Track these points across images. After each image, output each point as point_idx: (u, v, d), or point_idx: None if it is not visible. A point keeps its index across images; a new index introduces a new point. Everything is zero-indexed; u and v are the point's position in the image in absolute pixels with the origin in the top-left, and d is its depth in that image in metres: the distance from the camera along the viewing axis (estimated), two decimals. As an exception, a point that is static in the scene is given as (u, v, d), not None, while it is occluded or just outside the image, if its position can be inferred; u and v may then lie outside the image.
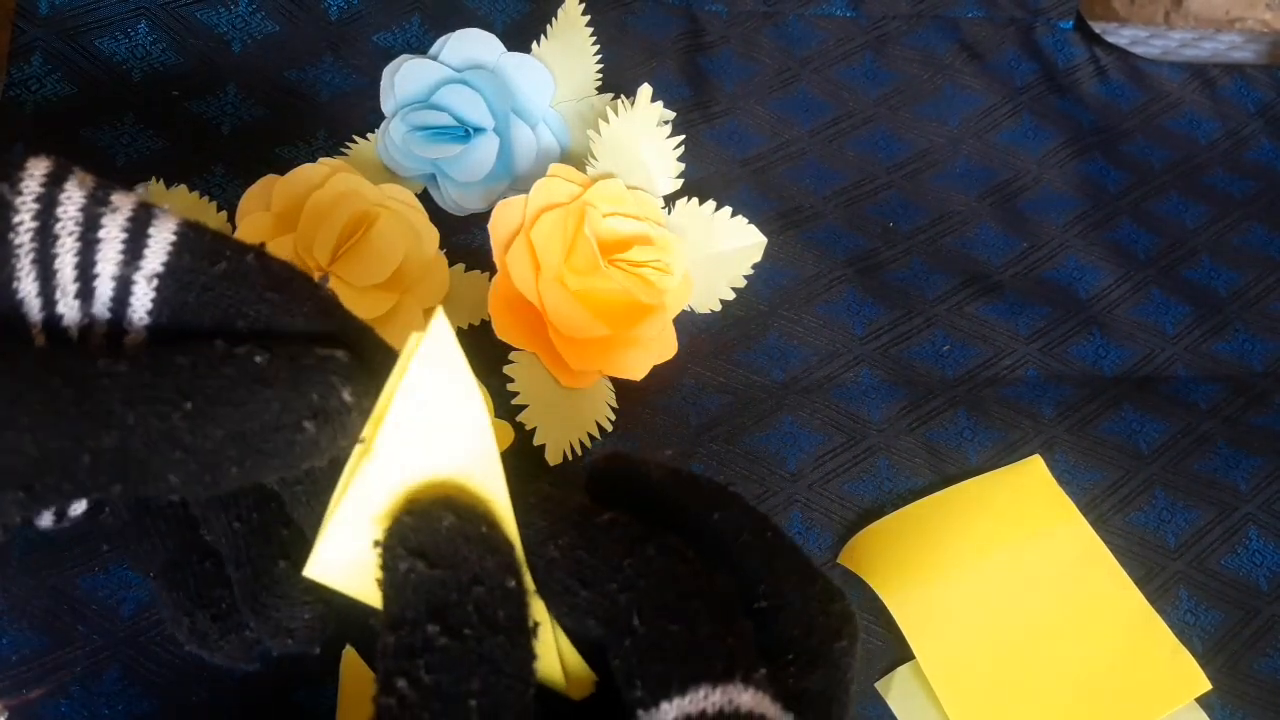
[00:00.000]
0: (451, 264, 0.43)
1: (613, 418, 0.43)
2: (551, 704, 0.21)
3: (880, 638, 0.43)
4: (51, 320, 0.19)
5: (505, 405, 0.41)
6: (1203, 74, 0.63)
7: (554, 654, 0.21)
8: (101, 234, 0.19)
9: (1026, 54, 0.60)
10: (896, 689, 0.42)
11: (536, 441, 0.41)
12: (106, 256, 0.19)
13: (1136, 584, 0.45)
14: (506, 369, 0.41)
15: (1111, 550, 0.45)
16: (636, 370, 0.43)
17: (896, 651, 0.42)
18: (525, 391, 0.41)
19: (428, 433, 0.19)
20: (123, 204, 0.19)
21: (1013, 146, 0.57)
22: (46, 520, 0.22)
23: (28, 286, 0.19)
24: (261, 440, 0.18)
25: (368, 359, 0.20)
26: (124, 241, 0.19)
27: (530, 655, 0.19)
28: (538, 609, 0.20)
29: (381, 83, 0.45)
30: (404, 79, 0.44)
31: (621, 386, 0.44)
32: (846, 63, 0.57)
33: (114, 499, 0.20)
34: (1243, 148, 0.61)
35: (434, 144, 0.44)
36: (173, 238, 0.19)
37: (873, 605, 0.43)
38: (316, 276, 0.21)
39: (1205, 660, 0.44)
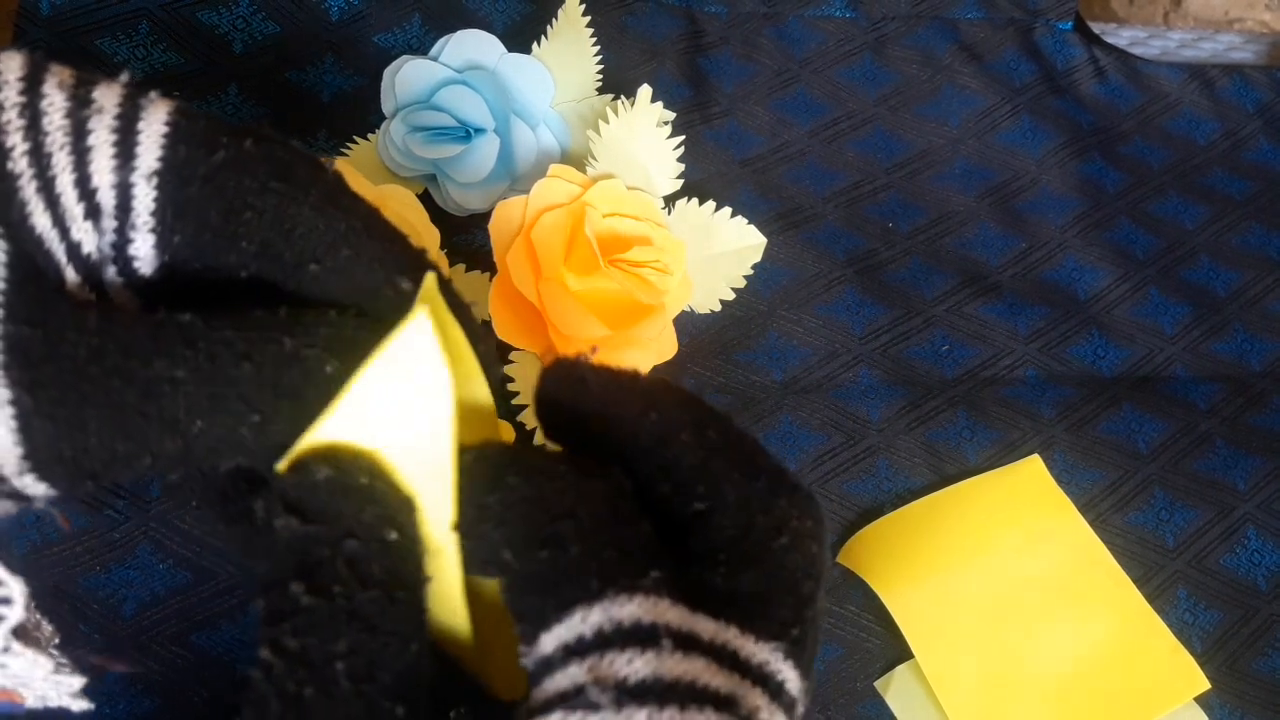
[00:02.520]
0: (452, 264, 0.43)
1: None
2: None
3: (880, 637, 0.43)
4: (72, 250, 0.19)
5: (505, 405, 0.41)
6: (1202, 74, 0.63)
7: (459, 608, 0.20)
8: (91, 140, 0.18)
9: (1026, 55, 0.60)
10: (896, 688, 0.42)
11: (537, 441, 0.41)
12: (100, 165, 0.18)
13: (1135, 583, 0.45)
14: (506, 369, 0.41)
15: (1110, 550, 0.45)
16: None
17: (896, 651, 0.42)
18: (525, 391, 0.41)
19: (381, 411, 0.18)
20: (107, 101, 0.18)
21: (1012, 147, 0.57)
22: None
23: (40, 220, 0.18)
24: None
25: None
26: (115, 145, 0.18)
27: (415, 610, 0.18)
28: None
29: (382, 83, 0.45)
30: (404, 79, 0.45)
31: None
32: (846, 63, 0.57)
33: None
34: (1241, 148, 0.61)
35: (434, 144, 0.44)
36: (164, 130, 0.18)
37: (872, 605, 0.43)
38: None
39: (1204, 659, 0.44)
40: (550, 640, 0.18)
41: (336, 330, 0.18)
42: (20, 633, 0.18)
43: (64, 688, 0.19)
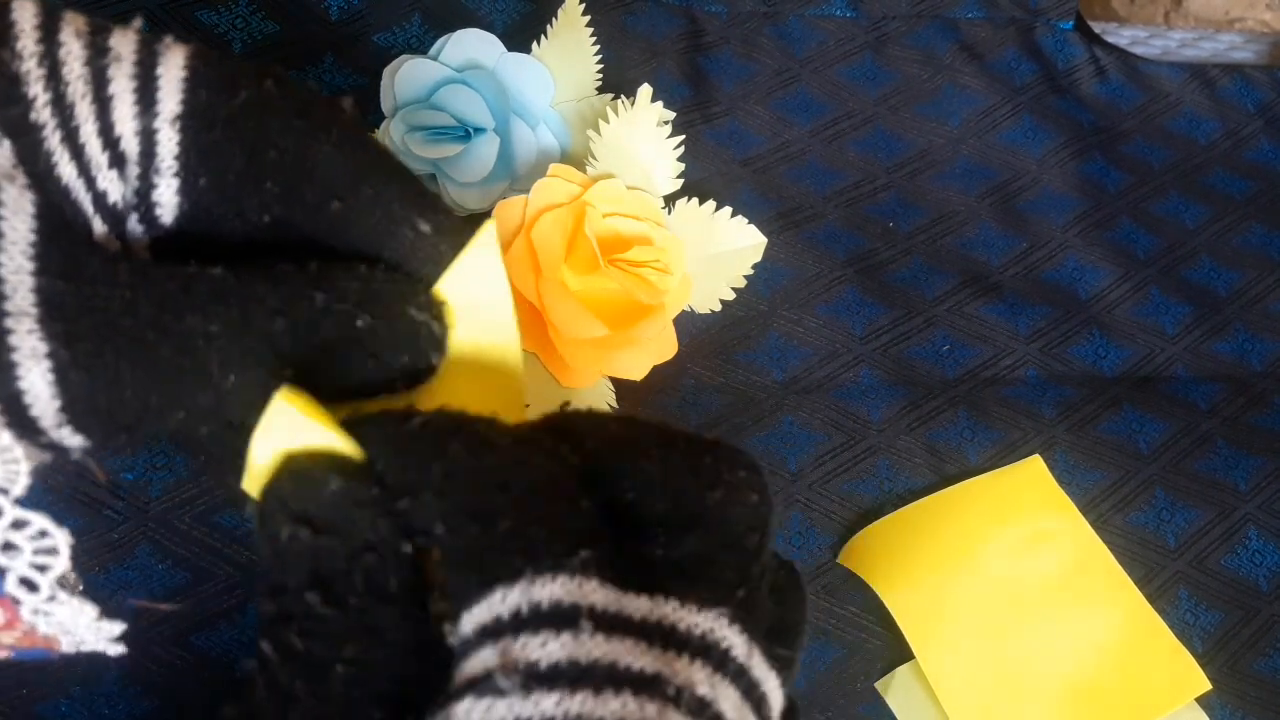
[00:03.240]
0: (451, 264, 0.43)
1: (613, 418, 0.43)
2: None
3: (880, 638, 0.43)
4: (99, 200, 0.19)
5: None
6: (1202, 74, 0.63)
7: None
8: (112, 89, 0.18)
9: (1026, 54, 0.60)
10: (896, 689, 0.42)
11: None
12: (123, 114, 0.18)
13: (1136, 584, 0.45)
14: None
15: (1111, 550, 0.45)
16: (636, 370, 0.43)
17: (896, 651, 0.42)
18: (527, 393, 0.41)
19: (464, 321, 0.20)
20: (124, 48, 0.19)
21: (1013, 146, 0.57)
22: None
23: (66, 170, 0.18)
24: (352, 392, 0.18)
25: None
26: (135, 90, 0.18)
27: (425, 622, 0.18)
28: None
29: (381, 83, 0.45)
30: (404, 79, 0.44)
31: (621, 386, 0.44)
32: (846, 63, 0.57)
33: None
34: (1242, 148, 0.61)
35: (434, 144, 0.44)
36: (184, 74, 0.19)
37: (873, 605, 0.43)
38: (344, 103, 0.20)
39: (1205, 660, 0.44)
40: (469, 621, 0.17)
41: (366, 284, 0.19)
42: (64, 582, 0.18)
43: (104, 633, 0.20)
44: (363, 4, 0.50)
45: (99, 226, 0.19)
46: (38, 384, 0.16)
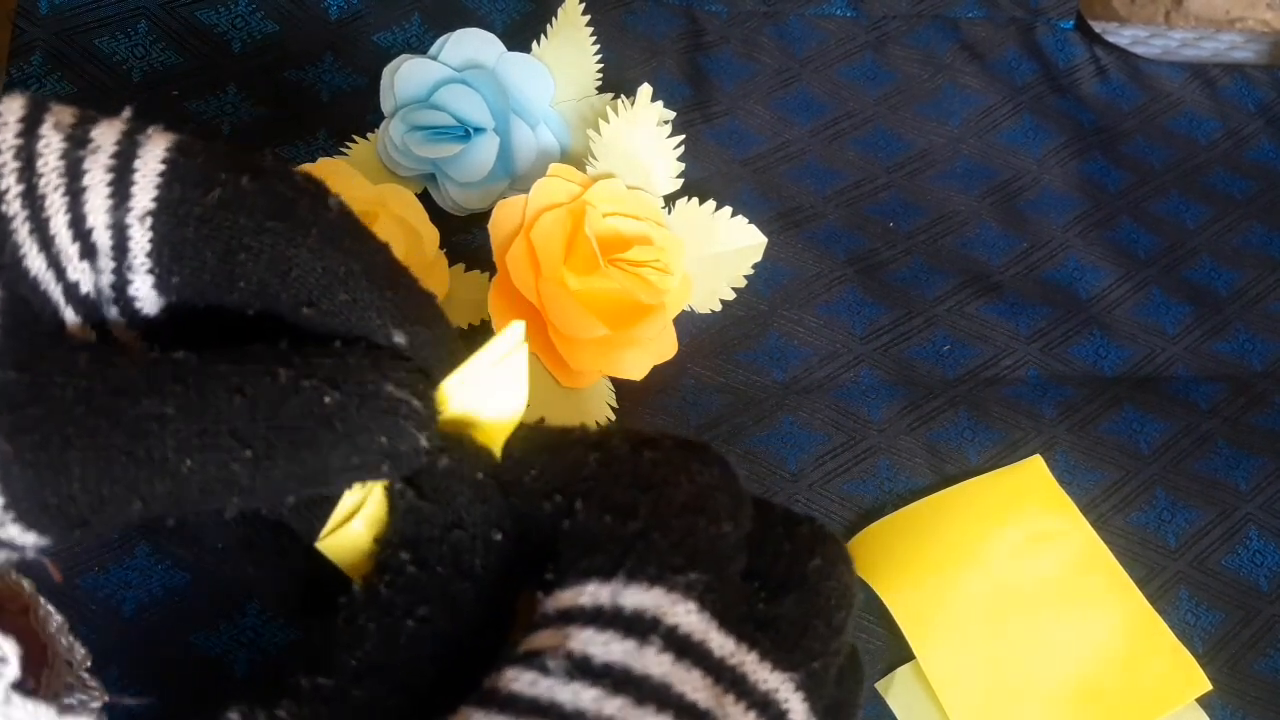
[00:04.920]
0: (451, 264, 0.43)
1: (613, 418, 0.43)
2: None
3: (880, 638, 0.43)
4: (70, 290, 0.18)
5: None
6: (1203, 74, 0.63)
7: None
8: (86, 180, 0.18)
9: (1027, 54, 0.60)
10: (896, 689, 0.42)
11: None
12: (95, 206, 0.18)
13: (1137, 584, 0.45)
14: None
15: (1112, 550, 0.45)
16: (636, 370, 0.43)
17: (896, 651, 0.42)
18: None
19: (477, 407, 0.20)
20: (104, 140, 0.18)
21: (1013, 146, 0.57)
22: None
23: (35, 262, 0.18)
24: (326, 478, 0.18)
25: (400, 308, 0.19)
26: (110, 184, 0.18)
27: (497, 611, 0.19)
28: None
29: (381, 82, 0.45)
30: (404, 79, 0.44)
31: (621, 386, 0.44)
32: (846, 63, 0.57)
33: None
34: (1243, 148, 0.61)
35: (434, 144, 0.44)
36: (160, 168, 0.18)
37: (873, 605, 0.43)
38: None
39: (1206, 660, 0.44)
40: (553, 601, 0.18)
41: (340, 360, 0.18)
42: (20, 686, 0.18)
43: None
44: (363, 4, 0.50)
45: (71, 316, 0.19)
46: None
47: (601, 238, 0.42)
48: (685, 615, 0.17)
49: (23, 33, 0.45)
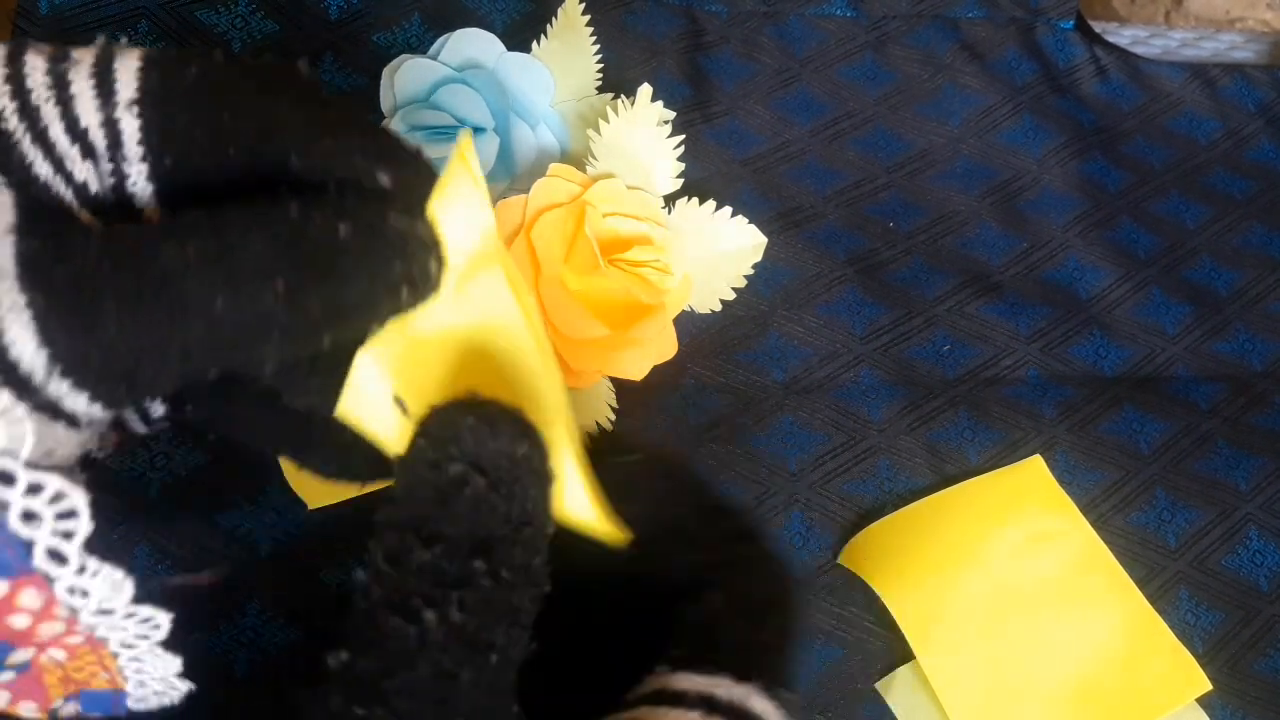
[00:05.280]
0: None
1: (613, 418, 0.43)
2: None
3: (880, 638, 0.43)
4: (80, 191, 0.19)
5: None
6: (1203, 74, 0.63)
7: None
8: (73, 89, 0.19)
9: (1027, 54, 0.60)
10: (896, 689, 0.42)
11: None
12: (85, 107, 0.19)
13: (1137, 584, 0.45)
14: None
15: (1112, 550, 0.45)
16: (636, 370, 0.43)
17: (896, 651, 0.42)
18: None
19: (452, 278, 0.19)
20: (83, 55, 0.19)
21: (1013, 146, 0.57)
22: (138, 426, 0.22)
23: (43, 168, 0.18)
24: (356, 309, 0.18)
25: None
26: (94, 86, 0.19)
27: (537, 607, 0.18)
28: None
29: (381, 82, 0.45)
30: (403, 79, 0.44)
31: (621, 386, 0.44)
32: (846, 63, 0.57)
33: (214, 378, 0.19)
34: (1243, 148, 0.61)
35: (434, 144, 0.44)
36: (138, 64, 0.19)
37: (873, 606, 0.43)
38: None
39: (1205, 660, 0.44)
40: (688, 682, 0.19)
41: (339, 198, 0.18)
42: (92, 545, 0.17)
43: (151, 629, 0.19)
44: (362, 4, 0.49)
45: (86, 218, 0.19)
46: (21, 335, 0.16)
47: (601, 238, 0.42)
48: (775, 716, 0.20)
49: (23, 33, 0.45)
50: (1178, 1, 0.69)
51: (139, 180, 0.19)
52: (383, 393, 0.19)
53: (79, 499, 0.17)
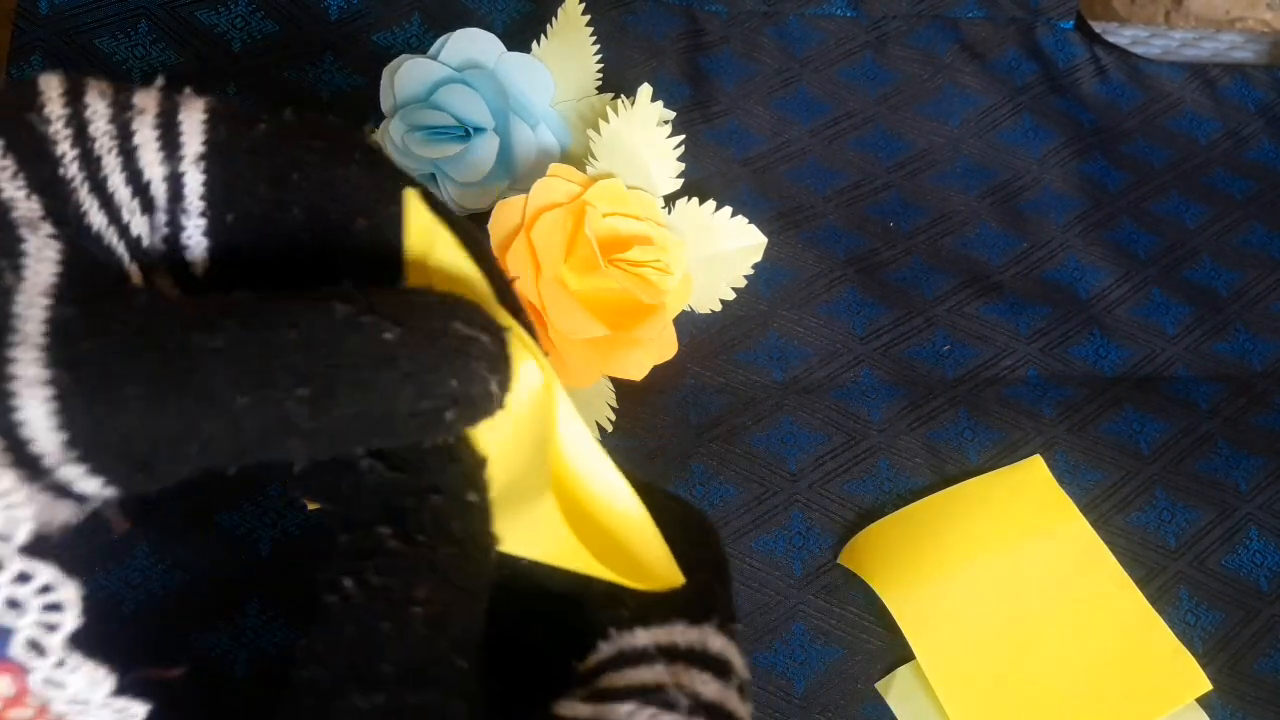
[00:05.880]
0: (451, 264, 0.43)
1: (613, 418, 0.43)
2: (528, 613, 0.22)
3: (880, 638, 0.43)
4: (133, 245, 0.19)
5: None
6: (1203, 74, 0.63)
7: (557, 536, 0.19)
8: (137, 140, 0.18)
9: (1027, 54, 0.60)
10: (896, 689, 0.42)
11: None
12: (149, 160, 0.18)
13: (1137, 584, 0.45)
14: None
15: (1112, 550, 0.45)
16: (636, 370, 0.43)
17: (896, 651, 0.42)
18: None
19: None
20: (147, 102, 0.19)
21: (1013, 146, 0.57)
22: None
23: (97, 218, 0.18)
24: (393, 425, 0.17)
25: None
26: (159, 138, 0.18)
27: (484, 571, 0.18)
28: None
29: (381, 82, 0.45)
30: (403, 79, 0.44)
31: (621, 386, 0.44)
32: (847, 63, 0.57)
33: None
34: (1243, 148, 0.61)
35: (434, 144, 0.44)
36: (204, 117, 0.19)
37: (873, 605, 0.43)
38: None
39: (1206, 660, 0.44)
40: (645, 636, 0.20)
41: (403, 297, 0.17)
42: (78, 641, 0.17)
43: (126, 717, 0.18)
44: (362, 4, 0.50)
45: (136, 272, 0.19)
46: (36, 414, 0.15)
47: (601, 238, 0.42)
48: (737, 656, 0.21)
49: (23, 33, 0.45)
50: (1178, 1, 0.69)
51: (195, 235, 0.19)
52: None
53: (69, 593, 0.16)
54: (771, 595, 0.43)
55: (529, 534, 0.19)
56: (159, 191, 0.18)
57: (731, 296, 0.47)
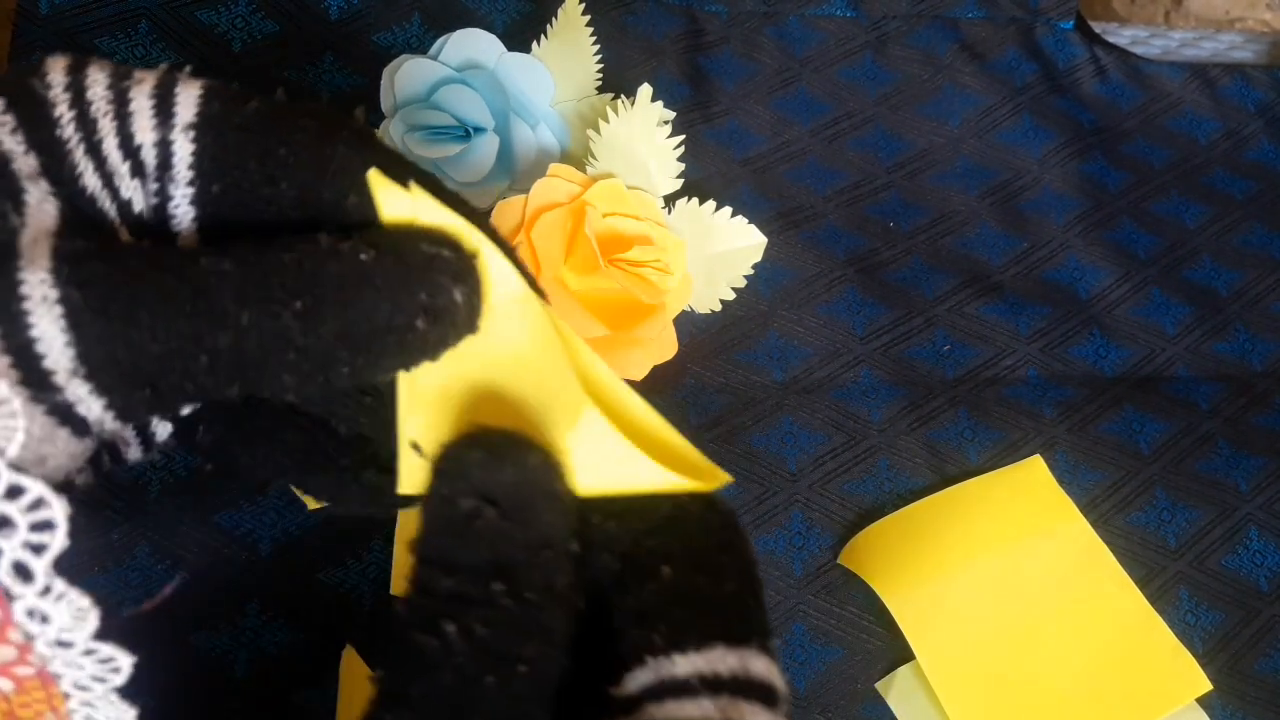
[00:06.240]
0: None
1: (613, 418, 0.43)
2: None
3: (880, 638, 0.43)
4: (124, 209, 0.19)
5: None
6: (1203, 74, 0.63)
7: None
8: (133, 106, 0.19)
9: (1027, 54, 0.60)
10: (896, 689, 0.42)
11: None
12: (142, 125, 0.19)
13: (1137, 584, 0.45)
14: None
15: (1112, 550, 0.45)
16: (636, 370, 0.43)
17: (896, 651, 0.42)
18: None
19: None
20: (146, 75, 0.19)
21: (1013, 146, 0.57)
22: (135, 452, 0.22)
23: (91, 180, 0.19)
24: (373, 340, 0.18)
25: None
26: (154, 106, 0.19)
27: (571, 627, 0.18)
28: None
29: (381, 82, 0.45)
30: (404, 79, 0.44)
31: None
32: (846, 63, 0.57)
33: (230, 399, 0.19)
34: (1243, 148, 0.61)
35: (434, 144, 0.44)
36: (200, 91, 0.19)
37: (873, 606, 0.43)
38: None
39: (1206, 660, 0.44)
40: (686, 664, 0.18)
41: (374, 230, 0.19)
42: (61, 565, 0.16)
43: (110, 671, 0.18)
44: (362, 4, 0.50)
45: (125, 236, 0.19)
46: (49, 330, 0.16)
47: (601, 238, 0.42)
48: (779, 677, 0.19)
49: (23, 33, 0.45)
50: (1178, 1, 0.69)
51: (182, 204, 0.19)
52: (400, 438, 0.19)
53: (59, 510, 0.16)
54: (771, 595, 0.43)
55: (591, 459, 0.19)
56: (149, 157, 0.19)
57: (731, 296, 0.47)
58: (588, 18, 0.46)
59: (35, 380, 0.16)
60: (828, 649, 0.42)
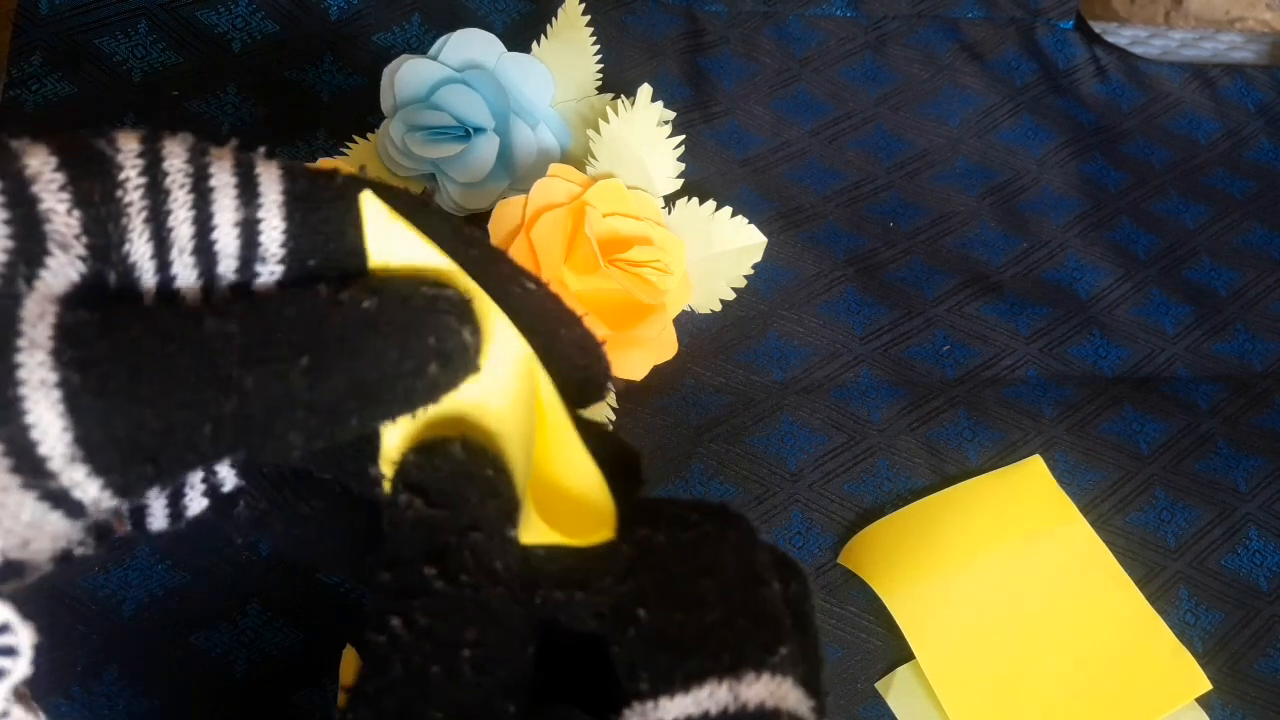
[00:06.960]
0: (451, 264, 0.43)
1: (613, 418, 0.43)
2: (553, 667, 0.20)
3: (880, 638, 0.43)
4: (164, 282, 0.18)
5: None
6: (1203, 74, 0.63)
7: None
8: (213, 182, 0.18)
9: (1026, 54, 0.60)
10: (896, 689, 0.42)
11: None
12: (223, 205, 0.18)
13: (1137, 584, 0.45)
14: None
15: (1112, 550, 0.45)
16: (636, 370, 0.43)
17: (896, 651, 0.42)
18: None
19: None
20: (223, 153, 0.19)
21: (1013, 146, 0.57)
22: (160, 522, 0.21)
23: (140, 248, 0.18)
24: (383, 388, 0.18)
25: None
26: (236, 185, 0.18)
27: (531, 611, 0.18)
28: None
29: (381, 83, 0.45)
30: (404, 79, 0.44)
31: (621, 387, 0.44)
32: (846, 63, 0.57)
33: (235, 465, 0.19)
34: (1243, 148, 0.61)
35: (434, 144, 0.44)
36: (280, 170, 0.19)
37: (873, 605, 0.43)
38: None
39: (1205, 660, 0.44)
40: (673, 708, 0.18)
41: (367, 278, 0.19)
42: (21, 695, 0.16)
43: None
44: (362, 4, 0.50)
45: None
46: (45, 416, 0.15)
47: (601, 238, 0.42)
48: (791, 694, 0.18)
49: (23, 33, 0.45)
50: (1178, 1, 0.69)
51: (269, 280, 0.19)
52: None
53: (24, 638, 0.15)
54: (771, 595, 0.43)
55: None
56: (227, 238, 0.18)
57: (731, 296, 0.47)
58: (588, 18, 0.46)
59: (28, 468, 0.16)
60: (828, 649, 0.42)
